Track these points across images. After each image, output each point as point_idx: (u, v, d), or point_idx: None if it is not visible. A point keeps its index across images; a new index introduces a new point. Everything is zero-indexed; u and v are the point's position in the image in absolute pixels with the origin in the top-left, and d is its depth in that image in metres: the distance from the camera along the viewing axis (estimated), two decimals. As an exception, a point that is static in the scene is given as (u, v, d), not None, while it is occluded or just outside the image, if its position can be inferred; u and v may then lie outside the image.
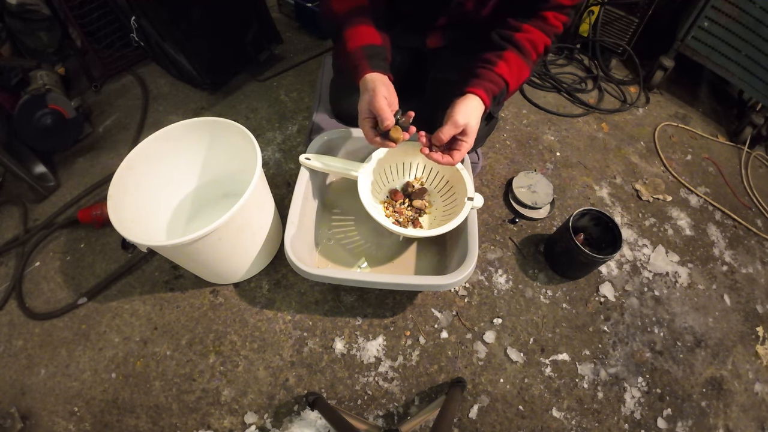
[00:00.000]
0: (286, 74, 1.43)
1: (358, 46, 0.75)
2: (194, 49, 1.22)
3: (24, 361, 0.91)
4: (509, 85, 0.76)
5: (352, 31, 0.76)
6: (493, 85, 0.74)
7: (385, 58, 0.77)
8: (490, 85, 0.74)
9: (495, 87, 0.75)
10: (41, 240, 1.07)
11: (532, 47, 0.76)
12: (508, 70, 0.75)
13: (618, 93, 1.47)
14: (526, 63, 0.77)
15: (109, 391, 0.87)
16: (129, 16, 1.22)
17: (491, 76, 0.75)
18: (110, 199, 0.77)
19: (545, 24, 0.76)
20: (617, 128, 1.38)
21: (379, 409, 0.86)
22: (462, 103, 0.73)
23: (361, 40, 0.76)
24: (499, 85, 0.75)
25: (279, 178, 1.17)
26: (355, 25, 0.77)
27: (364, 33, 0.76)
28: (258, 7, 1.31)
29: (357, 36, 0.76)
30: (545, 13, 0.76)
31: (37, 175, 1.13)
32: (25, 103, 1.07)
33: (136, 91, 1.39)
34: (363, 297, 0.97)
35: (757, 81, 1.25)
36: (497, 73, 0.75)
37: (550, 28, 0.77)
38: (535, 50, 0.77)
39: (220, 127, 0.87)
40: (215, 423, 0.84)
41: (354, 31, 0.76)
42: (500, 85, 0.75)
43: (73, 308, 0.97)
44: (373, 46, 0.76)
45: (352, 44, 0.76)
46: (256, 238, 0.89)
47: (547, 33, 0.77)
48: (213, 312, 0.96)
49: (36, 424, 0.85)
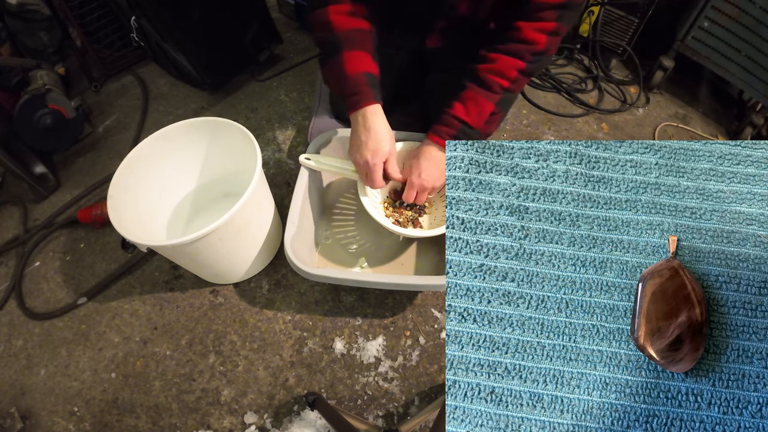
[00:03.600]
0: (286, 74, 1.43)
1: (360, 71, 0.73)
2: (194, 49, 1.22)
3: (24, 361, 0.91)
4: (470, 125, 0.76)
5: (353, 54, 0.73)
6: (449, 129, 0.76)
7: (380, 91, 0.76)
8: (445, 129, 0.76)
9: (452, 130, 0.76)
10: (41, 240, 1.07)
11: (499, 77, 0.73)
12: (465, 111, 0.75)
13: (618, 93, 1.47)
14: (486, 98, 0.74)
15: (109, 391, 0.87)
16: (129, 16, 1.22)
17: (447, 120, 0.76)
18: (110, 199, 0.77)
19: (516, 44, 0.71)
20: (617, 128, 1.38)
21: (379, 409, 0.86)
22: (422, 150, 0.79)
23: (362, 66, 0.74)
24: (456, 126, 0.76)
25: (279, 178, 1.17)
26: (356, 48, 0.74)
27: (365, 60, 0.74)
28: (258, 7, 1.31)
29: (358, 61, 0.74)
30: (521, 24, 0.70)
31: (37, 175, 1.13)
32: (25, 103, 1.07)
33: (136, 91, 1.39)
34: (363, 297, 0.97)
35: (757, 81, 1.25)
36: (453, 115, 0.76)
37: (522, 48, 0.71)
38: (503, 78, 0.73)
39: (220, 127, 0.87)
40: (215, 423, 0.84)
41: (355, 55, 0.73)
42: (457, 126, 0.76)
43: (73, 308, 0.97)
44: (373, 76, 0.75)
45: (353, 68, 0.73)
46: (256, 238, 0.89)
47: (519, 54, 0.71)
48: (213, 312, 0.96)
49: (36, 424, 0.85)
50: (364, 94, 0.73)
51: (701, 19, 1.26)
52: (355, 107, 0.74)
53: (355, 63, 0.73)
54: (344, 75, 0.73)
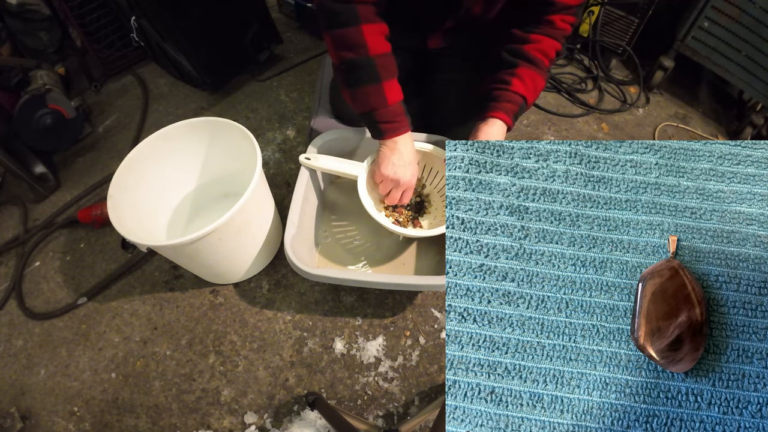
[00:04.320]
0: (286, 74, 1.43)
1: (398, 101, 0.75)
2: (194, 49, 1.22)
3: (24, 361, 0.91)
4: (527, 100, 0.77)
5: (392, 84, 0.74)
6: (512, 105, 0.76)
7: None
8: (509, 105, 0.76)
9: (514, 106, 0.76)
10: (41, 240, 1.07)
11: (544, 56, 0.77)
12: (524, 86, 0.76)
13: (618, 93, 1.47)
14: (539, 74, 0.77)
15: (109, 391, 0.87)
16: (129, 16, 1.22)
17: (509, 96, 0.76)
18: (110, 199, 0.77)
19: (552, 29, 0.76)
20: (617, 128, 1.38)
21: (379, 409, 0.86)
22: (486, 128, 0.76)
23: (399, 94, 0.75)
24: (518, 102, 0.76)
25: (279, 178, 1.17)
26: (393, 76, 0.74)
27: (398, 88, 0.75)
28: (258, 7, 1.31)
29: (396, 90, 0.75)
30: (552, 17, 0.75)
31: (37, 175, 1.13)
32: (25, 103, 1.07)
33: (136, 91, 1.39)
34: (363, 297, 0.97)
35: (757, 81, 1.25)
36: (513, 91, 0.76)
37: (558, 32, 0.76)
38: (546, 57, 0.77)
39: (220, 127, 0.87)
40: (215, 423, 0.84)
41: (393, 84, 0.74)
42: (518, 102, 0.76)
43: (73, 308, 0.97)
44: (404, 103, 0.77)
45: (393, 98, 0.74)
46: (256, 238, 0.89)
47: (556, 38, 0.77)
48: (213, 312, 0.96)
49: (36, 424, 0.85)
50: (401, 123, 0.76)
51: (701, 19, 1.26)
52: (392, 134, 0.77)
53: (395, 92, 0.75)
54: (384, 104, 0.74)
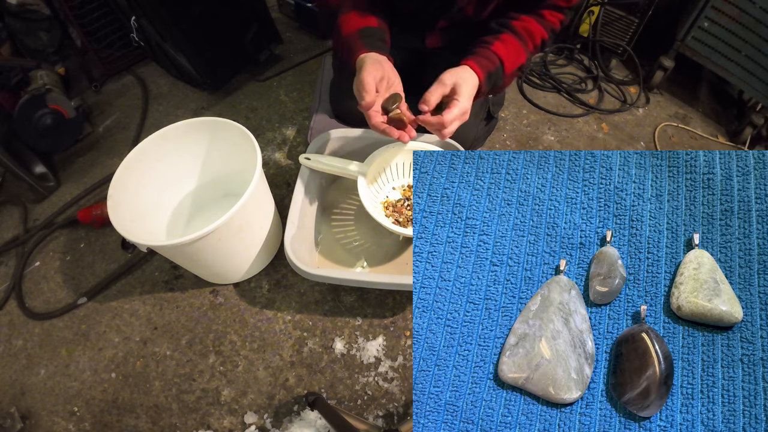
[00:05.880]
0: (286, 74, 1.43)
1: (353, 29, 0.73)
2: (194, 49, 1.22)
3: (24, 361, 0.91)
4: (504, 65, 0.75)
5: (347, 16, 0.74)
6: (487, 62, 0.73)
7: (382, 39, 0.74)
8: (484, 60, 0.73)
9: (489, 63, 0.73)
10: (41, 240, 1.07)
11: (529, 35, 0.77)
12: (505, 50, 0.74)
13: (618, 93, 1.47)
14: (522, 47, 0.77)
15: (109, 391, 0.87)
16: (129, 16, 1.22)
17: (486, 53, 0.74)
18: (110, 199, 0.77)
19: (542, 19, 0.78)
20: (617, 128, 1.38)
21: (379, 409, 0.86)
22: (452, 69, 0.71)
23: (356, 23, 0.73)
24: (494, 62, 0.74)
25: (279, 178, 1.17)
26: (349, 10, 0.74)
27: (359, 17, 0.74)
28: (258, 7, 1.31)
29: (352, 20, 0.73)
30: (542, 11, 0.78)
31: (37, 175, 1.13)
32: (25, 103, 1.07)
33: (136, 91, 1.39)
34: (363, 297, 0.97)
35: (757, 81, 1.25)
36: (492, 51, 0.74)
37: (546, 23, 0.78)
38: (531, 39, 0.77)
39: (220, 127, 0.87)
40: (215, 423, 0.84)
41: (349, 16, 0.74)
42: (495, 62, 0.74)
43: (73, 308, 0.97)
44: (369, 27, 0.74)
45: (347, 29, 0.73)
46: (256, 238, 0.89)
47: (544, 26, 0.78)
48: (213, 312, 0.96)
49: (36, 424, 0.85)
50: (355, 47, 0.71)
51: (701, 19, 1.26)
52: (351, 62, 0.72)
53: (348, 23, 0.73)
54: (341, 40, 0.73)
